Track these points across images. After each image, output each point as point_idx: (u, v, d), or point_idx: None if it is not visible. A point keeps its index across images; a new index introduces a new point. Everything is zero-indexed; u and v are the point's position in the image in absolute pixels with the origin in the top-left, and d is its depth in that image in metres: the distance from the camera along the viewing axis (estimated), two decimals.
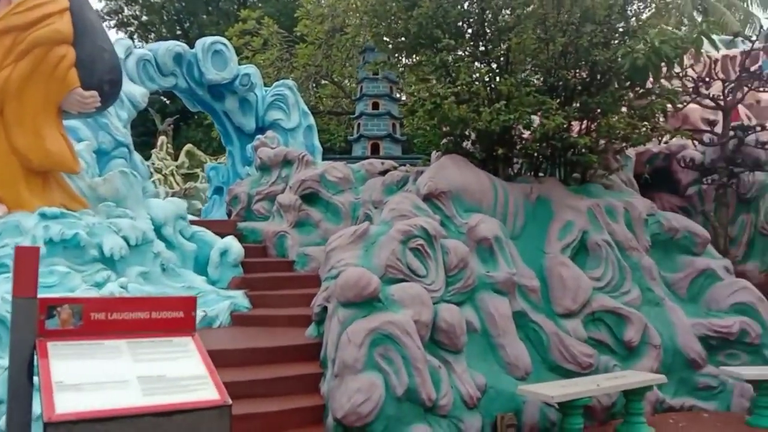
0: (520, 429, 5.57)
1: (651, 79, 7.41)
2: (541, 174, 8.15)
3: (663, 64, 7.22)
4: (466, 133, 7.99)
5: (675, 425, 6.00)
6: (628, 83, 7.62)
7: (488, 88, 7.50)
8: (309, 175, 9.09)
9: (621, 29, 7.62)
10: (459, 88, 6.98)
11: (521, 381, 5.77)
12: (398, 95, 17.39)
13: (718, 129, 9.41)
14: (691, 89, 9.55)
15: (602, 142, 7.83)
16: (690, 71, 12.76)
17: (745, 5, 28.41)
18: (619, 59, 6.94)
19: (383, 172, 9.35)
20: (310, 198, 9.05)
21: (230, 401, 2.94)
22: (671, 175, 10.09)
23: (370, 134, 15.92)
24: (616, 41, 7.37)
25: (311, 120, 13.59)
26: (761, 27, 23.84)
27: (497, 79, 7.44)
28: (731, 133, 9.27)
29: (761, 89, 9.85)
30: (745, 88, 9.54)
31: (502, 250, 6.48)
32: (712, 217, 9.12)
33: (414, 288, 5.49)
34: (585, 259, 6.96)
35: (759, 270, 8.60)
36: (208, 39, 12.70)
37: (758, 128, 9.32)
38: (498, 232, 6.55)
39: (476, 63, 7.55)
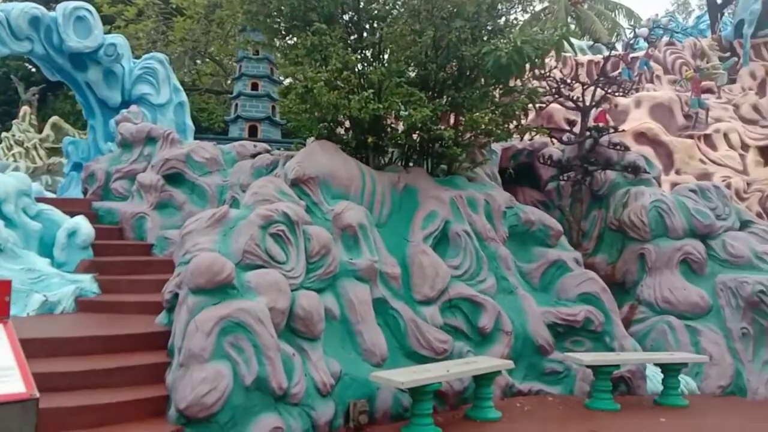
0: (373, 415, 5.62)
1: (515, 77, 7.73)
2: (411, 164, 8.28)
3: (527, 63, 7.52)
4: (340, 120, 7.94)
5: (521, 409, 6.32)
6: (493, 80, 7.88)
7: (359, 76, 7.47)
8: (174, 154, 8.62)
9: (489, 27, 7.87)
10: (329, 73, 6.89)
11: (377, 367, 5.82)
12: (280, 77, 17.02)
13: (578, 129, 10.06)
14: (553, 90, 10.13)
15: (468, 136, 8.06)
16: (557, 73, 13.59)
17: (613, 15, 30.66)
18: (484, 57, 7.13)
19: (256, 155, 9.08)
20: (174, 178, 8.59)
21: (37, 394, 2.70)
22: (533, 171, 10.62)
23: (248, 116, 15.46)
24: (484, 39, 7.58)
25: (183, 97, 12.93)
26: (626, 35, 25.76)
27: (369, 67, 7.42)
28: (587, 133, 9.92)
29: (617, 94, 10.62)
30: (601, 92, 10.25)
31: (367, 237, 6.49)
32: (567, 212, 9.72)
33: (271, 275, 5.34)
34: (446, 248, 7.15)
35: (606, 262, 9.24)
36: (71, 3, 11.69)
37: (611, 130, 10.03)
38: (363, 220, 6.56)
39: (349, 50, 7.49)
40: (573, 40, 21.42)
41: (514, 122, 8.29)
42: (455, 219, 7.35)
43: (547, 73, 10.33)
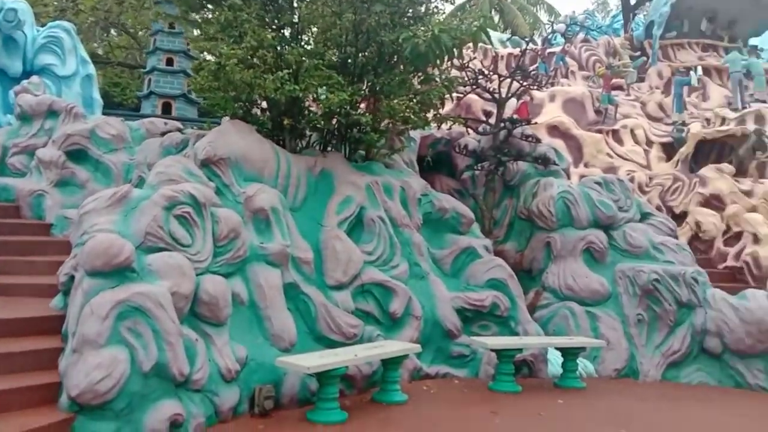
0: (279, 400, 5.57)
1: (435, 65, 7.80)
2: (330, 149, 8.21)
3: (445, 52, 7.59)
4: (257, 100, 7.75)
5: (428, 392, 6.45)
6: (412, 68, 7.91)
7: (277, 56, 7.31)
8: (77, 130, 8.16)
9: (410, 14, 7.88)
10: (244, 51, 6.70)
11: (286, 353, 5.77)
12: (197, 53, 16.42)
13: (494, 120, 10.31)
14: (471, 81, 10.32)
15: (386, 122, 8.07)
16: (477, 64, 13.84)
17: (535, 10, 31.63)
18: (402, 43, 7.14)
19: (166, 133, 8.73)
20: (77, 155, 8.14)
21: None
22: (451, 160, 10.79)
23: (162, 92, 14.83)
24: (404, 25, 7.58)
25: (91, 69, 12.23)
26: (546, 30, 26.54)
27: (286, 47, 7.27)
28: (502, 124, 10.19)
29: (533, 87, 10.95)
30: (517, 84, 10.54)
31: (279, 221, 6.40)
32: (481, 200, 9.97)
33: (174, 258, 5.17)
34: (360, 234, 7.16)
35: (515, 249, 9.55)
36: None
37: (524, 123, 10.34)
38: (276, 203, 6.46)
39: (267, 28, 7.30)
40: (495, 33, 21.93)
41: (432, 111, 8.38)
42: (371, 205, 7.37)
43: (466, 64, 10.53)
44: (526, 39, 11.39)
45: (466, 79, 10.27)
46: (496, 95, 10.33)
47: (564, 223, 9.03)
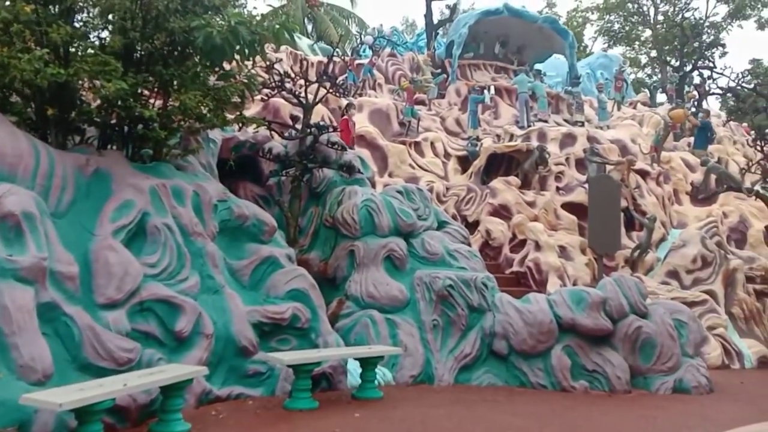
0: None
1: (234, 61, 7.26)
2: (113, 147, 7.25)
3: (244, 47, 7.09)
4: (15, 85, 6.55)
5: (216, 417, 5.88)
6: (208, 61, 7.29)
7: (42, 34, 6.25)
8: None
9: (206, 2, 7.25)
10: None
11: (39, 386, 4.83)
12: None
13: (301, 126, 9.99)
14: (276, 83, 9.93)
15: (178, 119, 7.35)
16: (287, 68, 13.47)
17: (347, 23, 32.29)
18: (194, 32, 6.52)
19: None
20: None
21: None
22: (256, 165, 10.27)
23: None
24: (198, 14, 6.94)
25: None
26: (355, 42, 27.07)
27: (53, 26, 6.24)
28: (309, 130, 9.92)
29: (338, 94, 10.85)
30: (323, 91, 10.36)
31: (35, 229, 5.40)
32: (286, 208, 9.58)
33: None
34: (142, 244, 6.37)
35: (320, 258, 9.31)
36: None
37: (331, 129, 10.18)
38: (31, 208, 5.44)
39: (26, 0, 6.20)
40: (306, 40, 21.84)
41: (233, 111, 7.83)
42: (156, 211, 6.60)
43: (272, 65, 10.12)
44: (335, 47, 11.28)
45: (272, 80, 9.87)
46: (303, 100, 10.06)
47: (367, 231, 8.99)
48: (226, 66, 7.61)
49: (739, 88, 12.12)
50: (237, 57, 7.08)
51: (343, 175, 9.88)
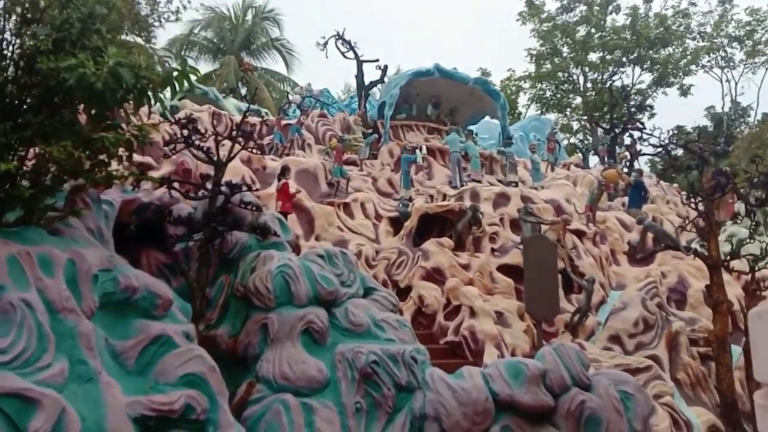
0: None
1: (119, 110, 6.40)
2: None
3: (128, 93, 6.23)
4: None
5: None
6: (91, 109, 6.38)
7: None
8: None
9: (87, 42, 6.40)
10: None
11: None
12: None
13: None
14: (181, 138, 9.06)
15: (50, 174, 6.34)
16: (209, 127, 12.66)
17: (282, 87, 32.14)
18: (64, 73, 5.64)
19: None
20: None
21: None
22: (162, 230, 9.25)
23: None
24: (71, 53, 6.07)
25: None
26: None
27: None
28: (219, 189, 9.00)
29: (253, 150, 10.04)
30: (237, 147, 9.52)
31: None
32: (192, 277, 8.51)
33: None
34: None
35: (229, 334, 8.23)
36: None
37: (245, 188, 9.29)
38: None
39: None
40: (233, 101, 21.19)
41: (120, 163, 6.89)
42: (14, 284, 5.51)
43: (182, 120, 9.29)
44: (250, 102, 10.56)
45: (177, 135, 9.00)
46: (213, 156, 9.17)
47: (283, 301, 8.01)
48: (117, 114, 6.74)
49: (671, 145, 12.06)
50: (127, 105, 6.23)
51: (258, 238, 8.94)
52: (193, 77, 6.87)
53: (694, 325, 11.87)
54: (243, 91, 31.46)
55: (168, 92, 6.83)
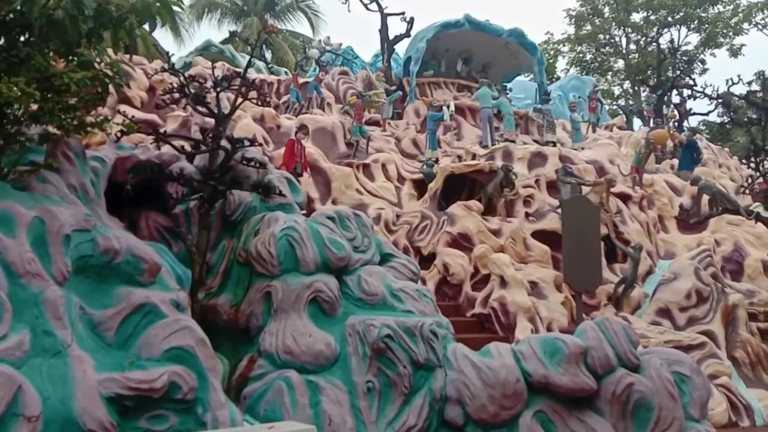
0: None
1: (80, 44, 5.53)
2: None
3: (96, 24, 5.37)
4: None
5: None
6: (53, 43, 5.55)
7: None
8: None
9: None
10: None
11: None
12: None
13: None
14: (177, 88, 8.19)
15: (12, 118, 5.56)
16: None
17: (304, 49, 31.25)
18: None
19: None
20: None
21: None
22: (163, 190, 8.48)
23: None
24: None
25: None
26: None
27: None
28: (221, 144, 8.14)
29: (256, 101, 9.17)
30: (241, 98, 8.64)
31: None
32: (190, 241, 7.72)
33: None
34: None
35: (230, 303, 7.45)
36: None
37: (247, 142, 8.40)
38: None
39: None
40: (260, 63, 20.26)
41: (95, 108, 6.10)
42: None
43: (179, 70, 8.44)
44: (254, 45, 9.59)
45: (173, 84, 8.13)
46: (215, 109, 8.30)
47: (287, 267, 7.17)
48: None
49: (731, 95, 10.79)
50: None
51: (263, 199, 8.08)
52: (176, 9, 5.98)
53: (752, 297, 10.87)
54: (268, 55, 30.65)
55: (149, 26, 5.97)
